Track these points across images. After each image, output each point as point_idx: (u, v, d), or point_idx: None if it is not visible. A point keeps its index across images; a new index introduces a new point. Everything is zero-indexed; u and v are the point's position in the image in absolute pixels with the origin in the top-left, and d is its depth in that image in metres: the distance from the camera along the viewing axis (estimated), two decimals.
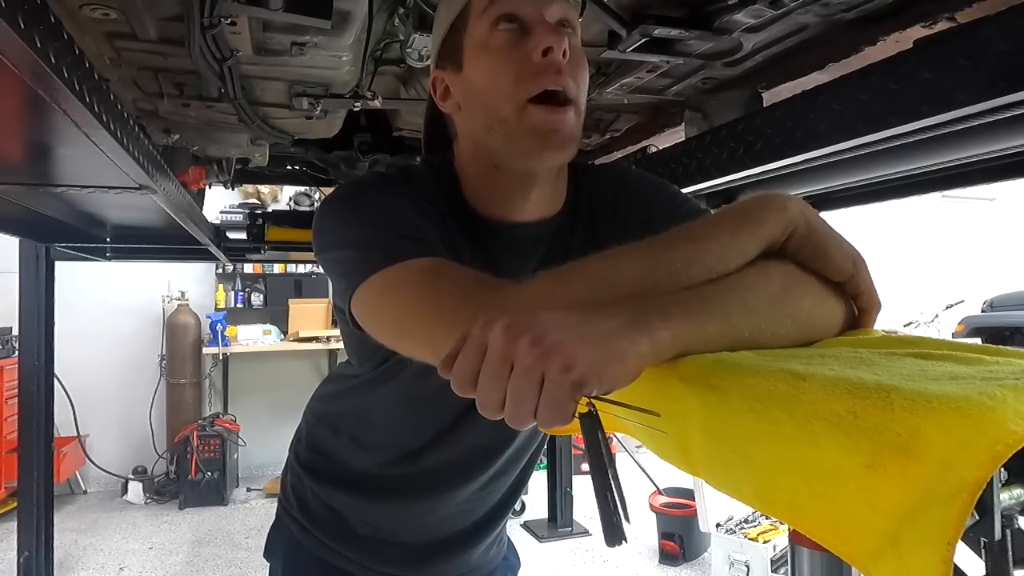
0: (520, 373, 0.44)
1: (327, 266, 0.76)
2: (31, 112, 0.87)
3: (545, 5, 0.74)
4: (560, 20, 0.75)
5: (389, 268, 0.65)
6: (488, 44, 0.75)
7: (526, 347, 0.44)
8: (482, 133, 0.78)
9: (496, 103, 0.74)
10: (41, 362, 2.77)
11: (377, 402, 0.97)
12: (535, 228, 0.83)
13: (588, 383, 0.43)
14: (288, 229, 2.77)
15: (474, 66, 0.77)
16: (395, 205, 0.73)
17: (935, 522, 0.33)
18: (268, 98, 1.48)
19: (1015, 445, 0.33)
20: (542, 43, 0.71)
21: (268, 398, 4.98)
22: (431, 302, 0.61)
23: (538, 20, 0.73)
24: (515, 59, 0.73)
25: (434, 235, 0.72)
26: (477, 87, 0.77)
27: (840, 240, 0.60)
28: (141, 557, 3.63)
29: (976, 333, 5.90)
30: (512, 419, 0.45)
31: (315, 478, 1.03)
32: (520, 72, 0.72)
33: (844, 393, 0.39)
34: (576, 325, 0.46)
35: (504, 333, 0.45)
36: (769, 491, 0.42)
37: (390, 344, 0.67)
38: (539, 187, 0.80)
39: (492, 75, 0.74)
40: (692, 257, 0.56)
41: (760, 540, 2.94)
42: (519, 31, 0.74)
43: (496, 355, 0.45)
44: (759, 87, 1.39)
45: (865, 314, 0.62)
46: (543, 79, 0.72)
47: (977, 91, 0.79)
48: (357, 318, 0.70)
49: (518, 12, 0.73)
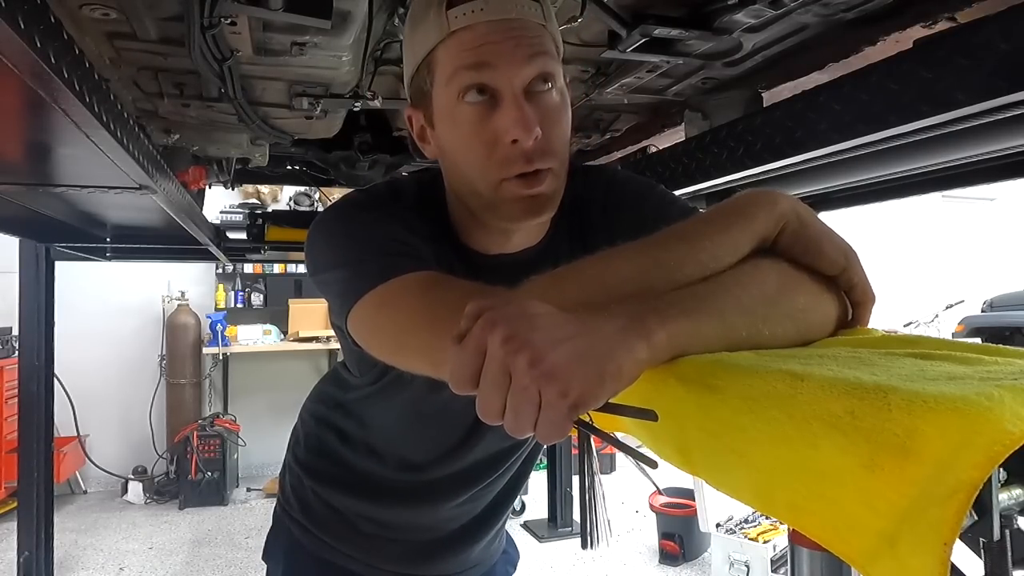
0: (518, 390, 0.43)
1: (322, 288, 0.76)
2: (31, 112, 0.87)
3: (514, 70, 0.67)
4: (532, 80, 0.69)
5: (383, 284, 0.64)
6: (456, 117, 0.70)
7: (524, 367, 0.43)
8: (461, 191, 0.76)
9: (471, 177, 0.72)
10: (41, 362, 2.77)
11: (382, 417, 0.96)
12: (521, 256, 0.82)
13: (585, 405, 0.44)
14: (288, 229, 2.77)
15: (444, 134, 0.73)
16: (384, 223, 0.72)
17: (932, 523, 0.33)
18: (268, 98, 1.48)
19: (1012, 445, 0.33)
20: (509, 133, 0.67)
21: (268, 398, 4.97)
22: (426, 313, 0.61)
23: (507, 91, 0.68)
24: (484, 140, 0.69)
25: (426, 251, 0.71)
26: (450, 154, 0.74)
27: (831, 234, 0.60)
28: (141, 557, 3.63)
29: (976, 333, 5.90)
30: (511, 430, 0.45)
31: (316, 479, 1.03)
32: (490, 155, 0.69)
33: (842, 393, 0.39)
34: (572, 338, 0.45)
35: (503, 346, 0.44)
36: (768, 491, 0.42)
37: (389, 360, 0.67)
38: (521, 231, 0.80)
39: (463, 152, 0.71)
40: (686, 256, 0.56)
41: (760, 540, 2.94)
42: (488, 102, 0.69)
43: (495, 365, 0.44)
44: (759, 87, 1.39)
45: (859, 307, 0.62)
46: (514, 166, 0.69)
47: (977, 91, 0.80)
48: (355, 336, 0.70)
49: (485, 82, 0.68)
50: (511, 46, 0.67)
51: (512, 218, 0.73)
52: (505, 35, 0.68)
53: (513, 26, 0.68)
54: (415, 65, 0.74)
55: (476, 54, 0.68)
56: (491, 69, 0.67)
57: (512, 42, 0.68)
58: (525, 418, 0.44)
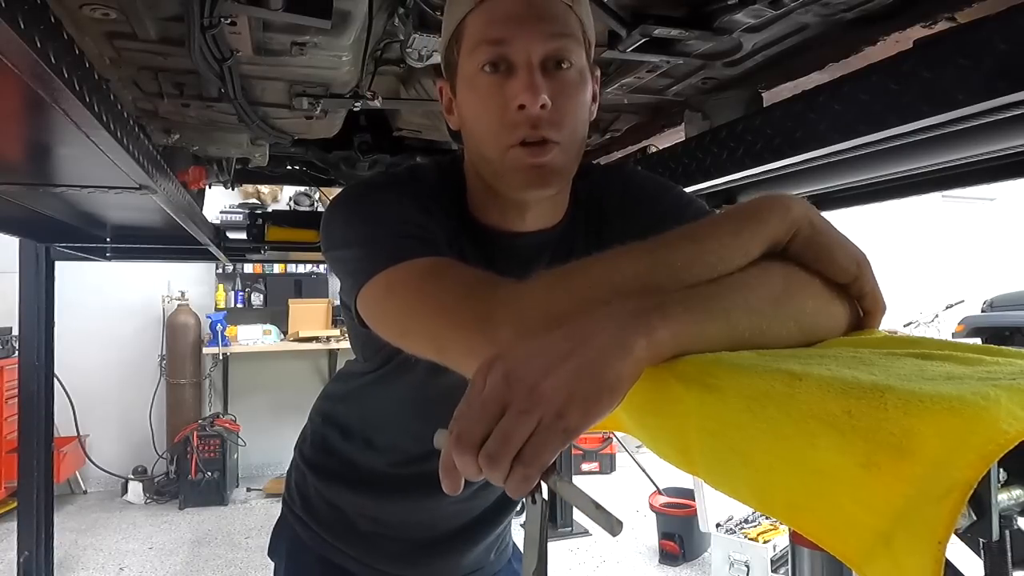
0: (514, 414, 0.45)
1: (334, 264, 0.77)
2: (31, 112, 0.87)
3: (532, 45, 0.70)
4: (549, 56, 0.71)
5: (393, 267, 0.65)
6: (474, 84, 0.74)
7: (523, 395, 0.45)
8: (475, 159, 0.79)
9: (482, 143, 0.75)
10: (41, 362, 2.77)
11: (384, 405, 0.97)
12: (536, 237, 0.83)
13: (585, 424, 0.45)
14: (288, 229, 2.77)
15: (464, 101, 0.77)
16: (401, 205, 0.74)
17: (927, 521, 0.33)
18: (268, 98, 1.48)
19: (1007, 445, 0.33)
20: (517, 98, 0.70)
21: (268, 398, 4.98)
22: (433, 300, 0.62)
23: (523, 62, 0.71)
24: (496, 104, 0.72)
25: (440, 235, 0.72)
26: (467, 122, 0.77)
27: (844, 241, 0.59)
28: (141, 557, 3.63)
29: (976, 333, 5.90)
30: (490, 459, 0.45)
31: (319, 476, 1.04)
32: (501, 119, 0.72)
33: (839, 393, 0.39)
34: (566, 359, 0.46)
35: (502, 381, 0.46)
36: (766, 490, 0.42)
37: (395, 341, 0.68)
38: (535, 207, 0.81)
39: (477, 117, 0.75)
40: (694, 257, 0.56)
41: (760, 540, 2.94)
42: (504, 73, 0.72)
43: (492, 395, 0.46)
44: (759, 87, 1.39)
45: (869, 316, 0.61)
46: (519, 131, 0.71)
47: (977, 91, 0.79)
48: (363, 315, 0.71)
49: (504, 53, 0.71)
50: (533, 22, 0.71)
51: (517, 187, 0.75)
52: (529, 10, 0.71)
53: (539, 3, 0.72)
54: (448, 36, 0.77)
55: (499, 27, 0.71)
56: (510, 43, 0.71)
57: (535, 19, 0.71)
58: (512, 446, 0.44)
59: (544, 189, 0.75)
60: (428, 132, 2.01)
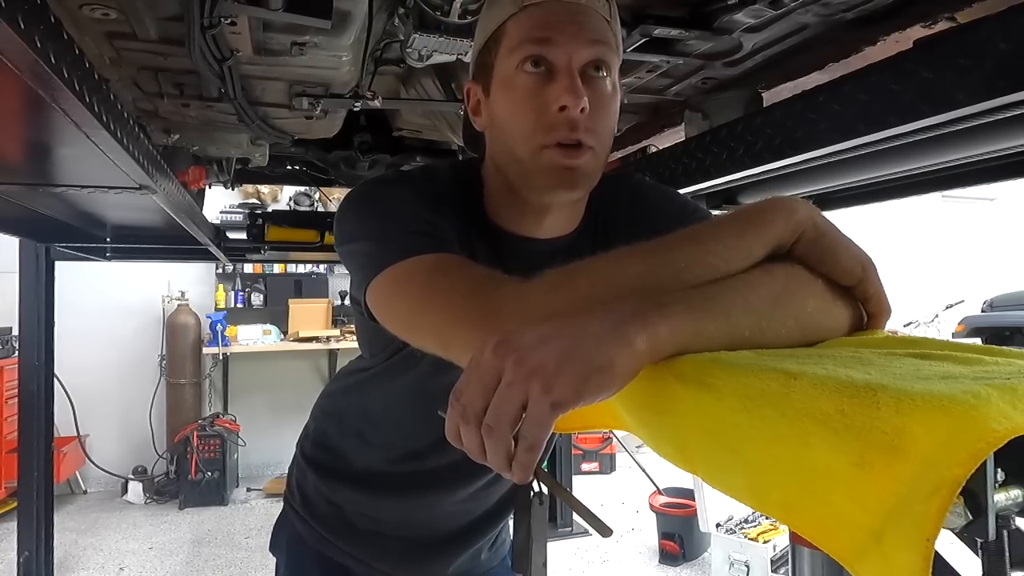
0: (503, 387, 0.46)
1: (345, 258, 0.78)
2: (31, 112, 0.88)
3: (575, 49, 0.72)
4: (590, 62, 0.73)
5: (403, 262, 0.66)
6: (513, 83, 0.75)
7: (511, 367, 0.46)
8: (502, 160, 0.79)
9: (514, 142, 0.75)
10: (41, 362, 2.77)
11: (383, 400, 0.98)
12: (549, 244, 0.84)
13: (569, 401, 0.45)
14: (288, 229, 2.77)
15: (498, 100, 0.77)
16: (413, 203, 0.75)
17: (916, 519, 0.33)
18: (268, 98, 1.48)
19: (996, 443, 0.33)
20: (559, 99, 0.71)
21: (268, 398, 4.98)
22: (439, 296, 0.63)
23: (564, 65, 0.72)
24: (535, 106, 0.73)
25: (450, 234, 0.73)
26: (499, 121, 0.78)
27: (849, 244, 0.60)
28: (141, 557, 3.63)
29: (976, 333, 5.90)
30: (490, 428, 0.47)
31: (319, 472, 1.05)
32: (538, 119, 0.73)
33: (833, 392, 0.39)
34: (557, 337, 0.47)
35: (495, 353, 0.48)
36: (762, 489, 0.43)
37: (401, 335, 0.69)
38: (554, 213, 0.82)
39: (512, 116, 0.75)
40: (696, 258, 0.56)
41: (760, 540, 2.94)
42: (544, 74, 0.73)
43: (488, 367, 0.48)
44: (759, 87, 1.39)
45: (874, 319, 0.61)
46: (557, 132, 0.72)
47: (977, 91, 0.79)
48: (372, 308, 0.72)
49: (545, 55, 0.72)
50: (576, 28, 0.73)
51: (547, 187, 0.76)
52: (572, 17, 0.73)
53: (581, 11, 0.74)
54: (485, 38, 0.78)
55: (543, 29, 0.73)
56: (553, 45, 0.72)
57: (577, 25, 0.73)
58: (506, 417, 0.45)
59: (572, 192, 0.76)
60: (428, 132, 2.01)
